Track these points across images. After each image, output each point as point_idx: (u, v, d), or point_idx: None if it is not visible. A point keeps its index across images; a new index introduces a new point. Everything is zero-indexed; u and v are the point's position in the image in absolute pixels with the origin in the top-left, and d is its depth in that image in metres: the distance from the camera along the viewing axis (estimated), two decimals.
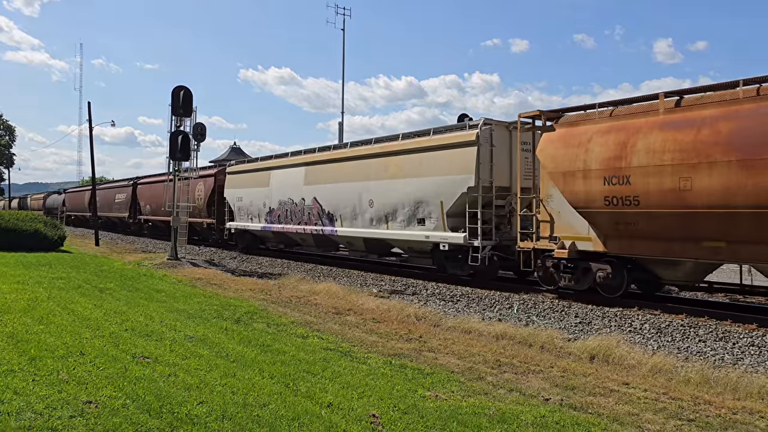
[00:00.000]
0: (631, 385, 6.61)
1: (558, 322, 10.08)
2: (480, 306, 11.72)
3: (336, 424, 4.86)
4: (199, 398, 5.34)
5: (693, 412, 5.70)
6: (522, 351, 8.14)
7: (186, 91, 20.09)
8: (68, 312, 9.37)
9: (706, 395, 6.24)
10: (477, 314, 10.77)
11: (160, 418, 4.80)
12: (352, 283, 15.13)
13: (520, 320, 10.32)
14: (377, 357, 7.47)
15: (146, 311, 9.87)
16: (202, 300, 11.55)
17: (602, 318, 10.26)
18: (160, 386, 5.63)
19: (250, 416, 4.95)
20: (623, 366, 7.45)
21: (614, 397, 6.13)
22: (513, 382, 6.60)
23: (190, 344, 7.58)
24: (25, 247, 21.41)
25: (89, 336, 7.71)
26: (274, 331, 8.82)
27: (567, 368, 7.25)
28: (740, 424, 5.42)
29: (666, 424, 5.32)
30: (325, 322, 9.95)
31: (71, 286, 12.70)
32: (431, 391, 6.03)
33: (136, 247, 28.02)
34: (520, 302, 11.86)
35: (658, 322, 9.80)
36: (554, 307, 11.28)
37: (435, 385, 6.27)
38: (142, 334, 8.02)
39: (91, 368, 6.17)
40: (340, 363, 6.99)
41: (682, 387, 6.56)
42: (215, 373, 6.21)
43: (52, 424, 4.57)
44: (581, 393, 6.24)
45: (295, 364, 6.77)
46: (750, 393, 6.28)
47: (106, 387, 5.54)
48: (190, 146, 20.39)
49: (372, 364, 7.09)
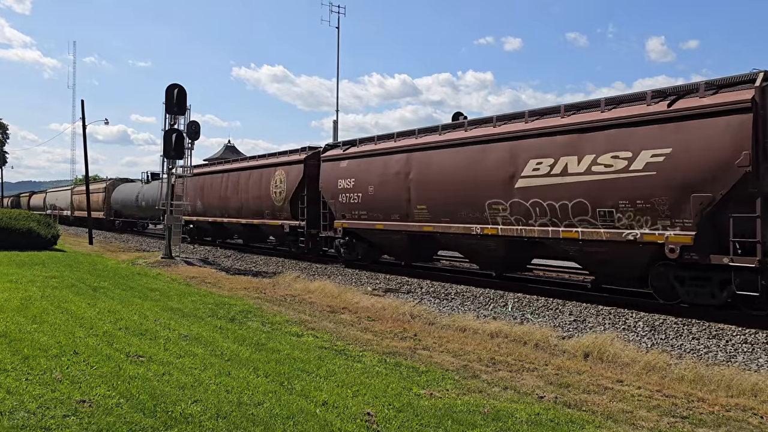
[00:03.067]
0: (625, 382, 6.63)
1: (552, 320, 10.11)
2: (475, 304, 11.74)
3: (331, 423, 4.85)
4: (193, 397, 5.33)
5: (686, 409, 5.73)
6: (517, 349, 8.16)
7: (180, 89, 20.01)
8: (62, 311, 9.33)
9: (700, 392, 6.27)
10: (472, 312, 10.79)
11: (154, 417, 4.79)
12: (347, 281, 15.12)
13: (515, 318, 10.35)
14: (372, 355, 7.47)
15: (140, 310, 9.84)
16: (196, 299, 11.52)
17: (596, 316, 10.30)
18: (154, 385, 5.61)
19: (245, 415, 4.94)
20: (617, 363, 7.47)
21: (608, 394, 6.15)
22: (507, 379, 6.62)
23: (185, 343, 7.56)
24: (18, 246, 21.32)
25: (83, 335, 7.68)
26: (268, 330, 8.81)
27: (561, 366, 7.27)
28: (733, 421, 5.44)
29: (660, 421, 5.34)
30: (320, 320, 9.94)
31: (65, 284, 12.65)
32: (426, 389, 6.03)
33: (130, 246, 27.92)
34: (515, 300, 11.89)
35: (652, 319, 9.84)
36: (548, 305, 11.32)
37: (430, 383, 6.27)
38: (136, 333, 7.99)
39: (85, 367, 6.14)
40: (335, 361, 6.99)
41: (676, 384, 6.59)
42: (210, 372, 6.20)
43: (46, 423, 4.55)
44: (575, 390, 6.26)
45: (289, 363, 6.76)
46: (743, 390, 6.31)
47: (99, 386, 5.52)
48: (184, 144, 20.33)
49: (367, 362, 7.09)
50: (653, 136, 10.18)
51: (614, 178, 10.66)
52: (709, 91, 9.85)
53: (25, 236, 22.16)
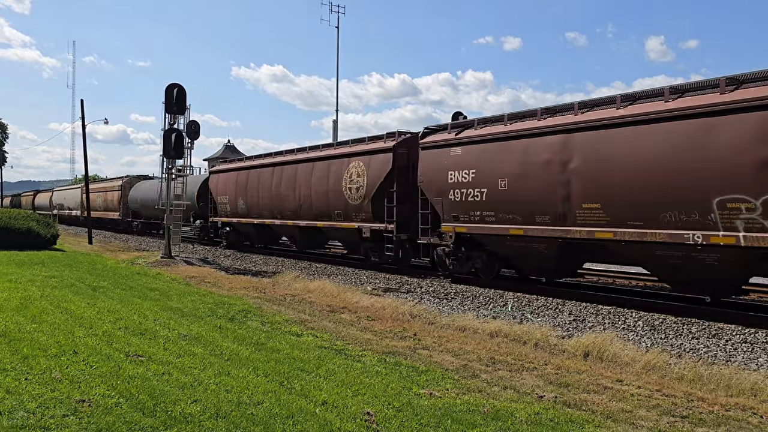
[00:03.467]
0: (624, 382, 6.63)
1: (552, 320, 10.11)
2: (474, 304, 11.74)
3: (330, 422, 4.85)
4: (193, 397, 5.32)
5: (686, 408, 5.73)
6: (516, 348, 8.16)
7: (180, 89, 20.01)
8: (61, 311, 9.33)
9: (699, 392, 6.27)
10: (471, 312, 10.79)
11: (154, 417, 4.78)
12: (347, 280, 15.12)
13: (515, 318, 10.35)
14: (372, 355, 7.47)
15: (140, 309, 9.84)
16: (196, 298, 11.52)
17: (596, 315, 10.30)
18: (153, 385, 5.61)
19: (245, 414, 4.94)
20: (617, 363, 7.47)
21: (608, 394, 6.15)
22: (507, 379, 6.61)
23: (184, 342, 7.55)
24: (17, 246, 21.32)
25: (82, 335, 7.68)
26: (268, 329, 8.81)
27: (561, 365, 7.27)
28: (733, 420, 5.45)
29: (659, 421, 5.34)
30: (320, 320, 9.94)
31: (64, 284, 12.65)
32: (426, 388, 6.03)
33: (130, 246, 27.92)
34: (514, 300, 11.89)
35: (652, 319, 9.84)
36: (548, 304, 11.32)
37: (429, 383, 6.27)
38: (135, 333, 7.99)
39: (85, 367, 6.14)
40: (335, 361, 6.99)
41: (676, 384, 6.59)
42: (209, 372, 6.19)
43: (45, 423, 4.55)
44: (575, 390, 6.26)
45: (289, 362, 6.76)
46: (742, 389, 6.31)
47: (99, 386, 5.52)
48: (183, 144, 20.33)
49: (366, 362, 7.09)
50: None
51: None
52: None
53: (24, 236, 22.17)
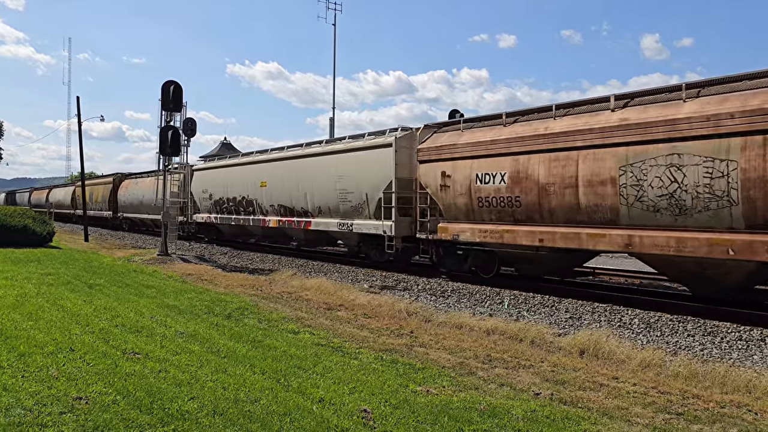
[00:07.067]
0: (620, 379, 6.66)
1: (548, 317, 10.13)
2: (471, 301, 11.77)
3: (327, 420, 4.86)
4: (190, 394, 5.33)
5: (681, 406, 5.76)
6: (513, 346, 8.18)
7: (176, 86, 19.97)
8: (57, 308, 9.31)
9: (695, 389, 6.30)
10: (468, 310, 10.81)
11: (151, 414, 4.79)
12: (343, 278, 15.12)
13: (511, 315, 10.37)
14: (368, 352, 7.48)
15: (136, 307, 9.83)
16: (192, 296, 11.50)
17: (592, 313, 10.33)
18: (150, 382, 5.61)
19: (242, 411, 4.95)
20: (613, 360, 7.50)
21: (604, 391, 6.18)
22: (503, 376, 6.64)
23: (181, 340, 7.55)
24: (13, 243, 21.26)
25: (79, 332, 7.67)
26: (265, 327, 8.81)
27: (557, 363, 7.29)
28: (728, 417, 5.47)
29: (655, 418, 5.37)
30: (316, 317, 9.94)
31: (60, 282, 12.62)
32: (422, 386, 6.05)
33: (126, 243, 27.85)
34: (511, 297, 11.92)
35: (648, 317, 9.88)
36: (544, 302, 11.35)
37: (426, 380, 6.29)
38: (132, 330, 7.98)
39: (81, 364, 6.14)
40: (332, 358, 7.00)
41: (671, 381, 6.62)
42: (206, 369, 6.20)
43: (42, 420, 4.55)
44: (571, 387, 6.28)
45: (286, 360, 6.77)
46: (737, 387, 6.34)
47: (96, 383, 5.52)
48: (180, 141, 20.29)
49: (363, 359, 7.10)
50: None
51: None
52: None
53: (20, 233, 22.10)
